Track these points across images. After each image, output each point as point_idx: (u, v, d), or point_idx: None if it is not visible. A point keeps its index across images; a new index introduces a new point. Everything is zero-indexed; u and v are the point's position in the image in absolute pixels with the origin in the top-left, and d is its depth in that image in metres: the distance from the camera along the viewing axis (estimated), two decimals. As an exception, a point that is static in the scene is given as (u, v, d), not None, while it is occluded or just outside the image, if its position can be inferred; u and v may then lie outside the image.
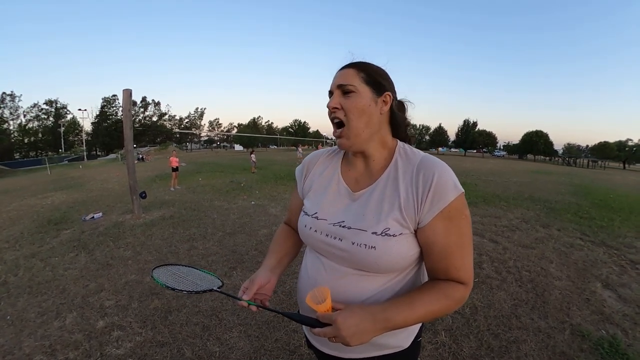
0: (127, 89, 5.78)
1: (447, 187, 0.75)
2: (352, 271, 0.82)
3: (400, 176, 0.81)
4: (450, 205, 0.74)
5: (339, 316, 0.70)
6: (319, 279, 0.87)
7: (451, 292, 0.77)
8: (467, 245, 0.78)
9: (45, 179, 16.73)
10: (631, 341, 2.38)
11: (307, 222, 0.90)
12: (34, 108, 51.50)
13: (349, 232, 0.81)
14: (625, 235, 5.22)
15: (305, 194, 0.99)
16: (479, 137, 66.50)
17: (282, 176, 12.39)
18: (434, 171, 0.76)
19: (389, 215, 0.77)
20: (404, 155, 0.85)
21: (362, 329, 0.70)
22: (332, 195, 0.90)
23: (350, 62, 0.86)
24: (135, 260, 3.83)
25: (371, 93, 0.82)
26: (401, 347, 0.88)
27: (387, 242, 0.76)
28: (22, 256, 4.06)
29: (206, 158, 28.33)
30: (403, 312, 0.73)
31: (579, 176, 19.52)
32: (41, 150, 50.19)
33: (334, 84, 0.84)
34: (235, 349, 2.22)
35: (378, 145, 0.86)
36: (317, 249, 0.90)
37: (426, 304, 0.74)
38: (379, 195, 0.81)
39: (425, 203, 0.75)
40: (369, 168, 0.88)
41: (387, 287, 0.82)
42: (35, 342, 2.31)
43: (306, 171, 1.02)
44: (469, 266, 0.78)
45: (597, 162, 48.79)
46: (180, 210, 6.40)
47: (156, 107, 62.58)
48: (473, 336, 2.38)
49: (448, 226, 0.75)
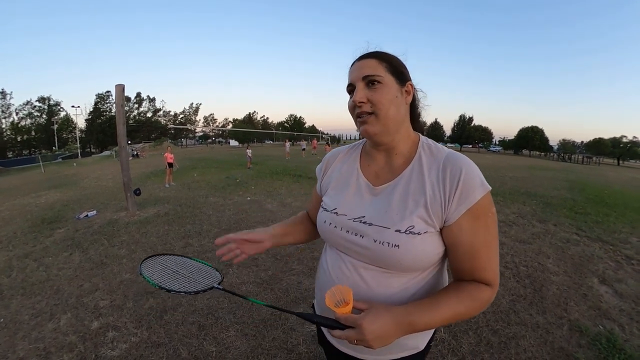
0: (119, 84, 5.70)
1: (475, 185, 0.72)
2: (373, 268, 0.79)
3: (426, 172, 0.77)
4: (477, 204, 0.72)
5: (364, 320, 0.66)
6: (339, 275, 0.84)
7: (477, 293, 0.74)
8: (494, 245, 0.75)
9: (38, 177, 16.53)
10: (628, 336, 2.39)
11: (327, 217, 0.87)
12: (27, 105, 50.93)
13: (370, 228, 0.78)
14: (621, 230, 5.26)
15: (324, 191, 0.96)
16: (475, 133, 66.68)
17: (278, 171, 12.33)
18: (461, 168, 0.74)
19: (414, 213, 0.74)
20: (428, 150, 0.82)
21: (387, 332, 0.67)
22: (352, 190, 0.87)
23: (368, 52, 0.81)
24: (130, 258, 3.78)
25: (396, 84, 0.78)
26: (418, 349, 0.87)
27: (412, 240, 0.73)
28: (15, 256, 3.99)
29: (201, 154, 28.11)
30: (428, 314, 0.70)
31: (574, 172, 19.66)
32: (34, 148, 49.68)
33: (357, 75, 0.78)
34: (232, 349, 2.20)
35: (402, 138, 0.83)
36: (337, 246, 0.86)
37: (451, 305, 0.72)
38: (403, 190, 0.78)
39: (453, 201, 0.72)
40: (390, 162, 0.84)
41: (410, 285, 0.79)
42: (29, 345, 2.27)
43: (325, 168, 1.00)
44: (495, 266, 0.76)
45: (591, 158, 49.12)
46: (175, 207, 6.34)
47: (151, 103, 62.11)
48: (472, 332, 2.38)
49: (475, 225, 0.73)
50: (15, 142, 49.03)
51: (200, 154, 28.96)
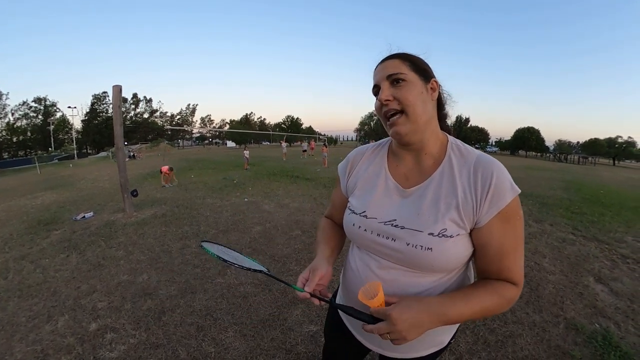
0: (116, 85, 5.68)
1: (506, 188, 0.73)
2: (403, 268, 0.80)
3: (457, 174, 0.78)
4: (508, 206, 0.73)
5: (393, 311, 0.67)
6: (368, 275, 0.84)
7: (504, 291, 0.75)
8: (520, 247, 0.77)
9: (34, 178, 16.40)
10: (624, 334, 2.42)
11: (355, 220, 0.87)
12: (23, 106, 50.31)
13: (402, 232, 0.78)
14: (616, 230, 5.31)
15: (350, 192, 0.95)
16: (472, 134, 66.95)
17: (276, 172, 12.32)
18: (493, 171, 0.74)
19: (446, 216, 0.75)
20: (458, 152, 0.82)
21: (419, 322, 0.68)
22: (381, 192, 0.86)
23: (390, 54, 0.83)
24: (127, 260, 3.77)
25: (420, 81, 0.79)
26: (443, 345, 0.88)
27: (444, 243, 0.73)
28: (12, 258, 3.97)
29: (198, 155, 28.03)
30: (459, 307, 0.71)
31: (570, 172, 19.80)
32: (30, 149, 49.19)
33: (381, 76, 0.80)
34: (231, 349, 2.20)
35: (431, 137, 0.83)
36: (366, 248, 0.86)
37: (481, 300, 0.73)
38: (434, 193, 0.78)
39: (485, 204, 0.73)
40: (420, 163, 0.84)
41: (439, 283, 0.80)
42: (26, 347, 2.26)
43: (350, 168, 0.98)
44: (520, 267, 0.77)
45: (587, 158, 49.44)
46: (173, 208, 6.32)
47: (147, 103, 61.69)
48: (469, 331, 2.39)
49: (505, 227, 0.74)
50: (11, 143, 48.53)
51: (197, 155, 28.88)
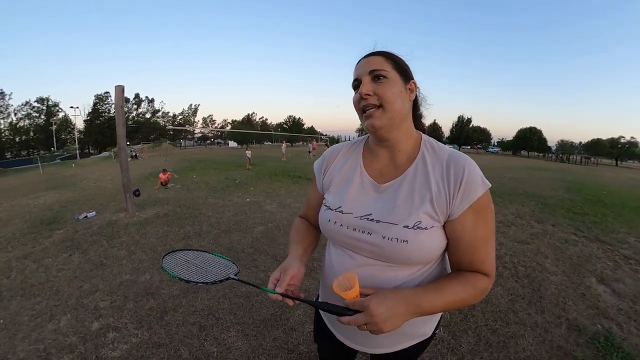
0: (119, 85, 5.69)
1: (477, 182, 0.76)
2: (379, 263, 0.82)
3: (430, 169, 0.81)
4: (479, 200, 0.76)
5: (370, 302, 0.68)
6: (344, 272, 0.85)
7: (476, 282, 0.78)
8: (492, 239, 0.80)
9: (37, 178, 16.47)
10: (626, 335, 2.41)
11: (331, 216, 0.88)
12: (25, 106, 50.56)
13: (378, 225, 0.80)
14: (618, 230, 5.29)
15: (326, 189, 0.97)
16: (474, 134, 66.85)
17: (277, 172, 12.32)
18: (464, 166, 0.78)
19: (420, 209, 0.77)
20: (431, 148, 0.85)
21: (396, 313, 0.69)
22: (356, 188, 0.89)
23: (375, 50, 0.85)
24: (129, 259, 3.78)
25: (401, 80, 0.82)
26: (426, 336, 0.90)
27: (419, 235, 0.76)
28: (14, 257, 3.99)
29: (200, 155, 28.08)
30: (433, 298, 0.73)
31: (572, 172, 19.72)
32: (33, 149, 49.41)
33: (364, 70, 0.82)
34: (233, 349, 2.20)
35: (405, 135, 0.86)
36: (342, 244, 0.88)
37: (454, 291, 0.76)
38: (409, 187, 0.81)
39: (457, 197, 0.76)
40: (394, 160, 0.87)
41: (414, 276, 0.82)
42: (29, 346, 2.27)
43: (326, 165, 1.00)
44: (492, 259, 0.80)
45: (590, 158, 49.21)
46: (175, 208, 6.34)
47: (150, 104, 61.87)
48: (471, 332, 2.39)
49: (476, 220, 0.77)
50: (14, 143, 48.77)
51: (199, 155, 28.94)
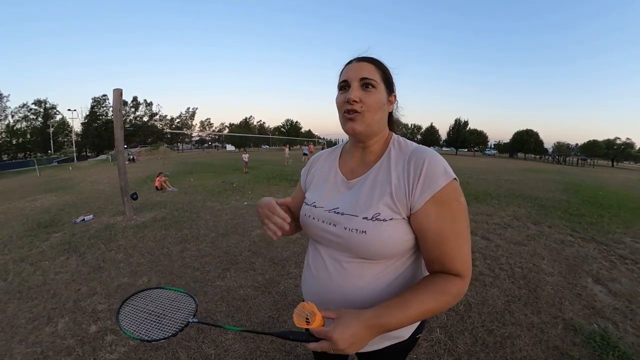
0: (117, 89, 5.70)
1: (438, 173, 0.77)
2: (349, 259, 0.84)
3: (393, 164, 0.83)
4: (441, 191, 0.76)
5: (334, 333, 0.68)
6: (318, 267, 0.91)
7: (447, 287, 0.76)
8: (462, 234, 0.77)
9: (34, 180, 16.38)
10: (622, 334, 2.43)
11: (306, 210, 0.95)
12: (23, 108, 50.25)
13: (341, 217, 0.84)
14: (614, 231, 5.32)
15: (307, 188, 1.04)
16: (470, 136, 67.10)
17: (275, 176, 12.34)
18: (425, 158, 0.79)
19: (380, 201, 0.79)
20: (397, 145, 0.88)
21: (359, 339, 0.70)
22: (330, 185, 0.94)
23: (367, 57, 0.87)
24: (127, 262, 3.78)
25: (385, 92, 0.85)
26: (402, 338, 0.90)
27: (378, 226, 0.78)
28: (12, 260, 3.97)
29: (198, 158, 28.07)
30: (398, 314, 0.72)
31: (568, 174, 19.82)
32: (30, 152, 49.10)
33: (356, 75, 0.83)
34: (231, 351, 2.21)
35: (380, 138, 0.90)
36: (314, 237, 0.93)
37: (420, 303, 0.73)
38: (372, 182, 0.84)
39: (417, 189, 0.77)
40: (364, 158, 0.91)
41: (385, 274, 0.83)
42: (26, 349, 2.27)
43: (309, 168, 1.08)
44: (465, 256, 0.77)
45: (586, 160, 49.48)
46: (172, 212, 6.33)
47: (147, 107, 61.68)
48: (468, 333, 2.40)
49: (440, 212, 0.76)
50: (11, 145, 48.44)
51: (196, 158, 28.91)
